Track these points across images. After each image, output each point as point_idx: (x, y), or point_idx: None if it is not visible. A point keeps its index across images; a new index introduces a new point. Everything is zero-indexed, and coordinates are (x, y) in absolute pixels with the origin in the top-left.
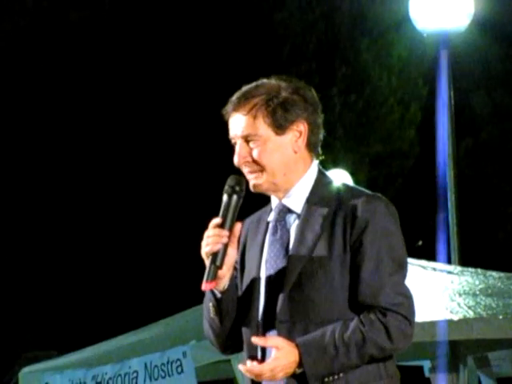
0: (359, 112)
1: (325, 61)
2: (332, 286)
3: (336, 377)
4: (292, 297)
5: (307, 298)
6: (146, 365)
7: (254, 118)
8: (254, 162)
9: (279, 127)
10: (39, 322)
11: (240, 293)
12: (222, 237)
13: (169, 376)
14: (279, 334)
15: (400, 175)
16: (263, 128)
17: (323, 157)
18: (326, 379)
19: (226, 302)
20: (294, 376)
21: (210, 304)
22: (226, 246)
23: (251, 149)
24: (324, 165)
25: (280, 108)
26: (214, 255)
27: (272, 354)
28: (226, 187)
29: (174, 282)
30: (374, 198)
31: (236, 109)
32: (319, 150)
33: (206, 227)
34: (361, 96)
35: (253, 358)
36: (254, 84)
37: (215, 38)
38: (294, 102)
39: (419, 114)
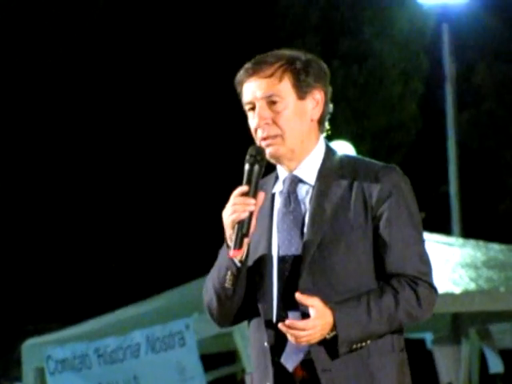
0: (361, 85)
1: (327, 34)
2: (354, 255)
3: (364, 344)
4: (313, 267)
5: (329, 268)
6: (148, 337)
7: (280, 79)
8: (275, 123)
9: (301, 91)
10: (41, 295)
11: (249, 265)
12: (249, 205)
13: (171, 348)
14: (300, 306)
15: (402, 147)
16: (287, 90)
17: (329, 131)
18: (355, 346)
19: (243, 271)
20: (319, 343)
21: (229, 273)
22: (251, 215)
23: (272, 111)
24: (326, 137)
25: (303, 71)
26: (241, 223)
27: (311, 313)
28: (248, 157)
29: (177, 254)
30: (391, 168)
31: (256, 73)
32: (326, 124)
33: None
34: (363, 69)
35: (269, 331)
36: (269, 53)
37: (216, 14)
38: (314, 68)
39: (421, 86)
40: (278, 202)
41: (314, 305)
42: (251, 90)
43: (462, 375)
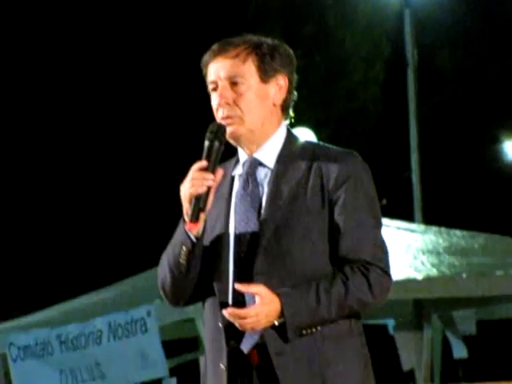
0: (323, 71)
1: (289, 20)
2: (310, 239)
3: (314, 330)
4: (268, 250)
5: (284, 251)
6: (110, 324)
7: (244, 61)
8: (236, 105)
9: (265, 74)
10: (1, 282)
11: (204, 245)
12: (208, 179)
13: (133, 335)
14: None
15: (364, 133)
16: (251, 72)
17: (293, 118)
18: (304, 331)
19: (199, 248)
20: (272, 327)
21: (183, 248)
22: (209, 190)
23: (235, 92)
24: (289, 123)
25: (268, 55)
26: (198, 197)
27: (256, 301)
28: (208, 133)
29: (138, 241)
30: (349, 154)
31: (221, 54)
32: (290, 111)
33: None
34: (325, 55)
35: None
36: (237, 37)
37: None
38: (279, 54)
39: (383, 72)
40: (237, 185)
41: (259, 292)
42: (215, 70)
43: (424, 361)
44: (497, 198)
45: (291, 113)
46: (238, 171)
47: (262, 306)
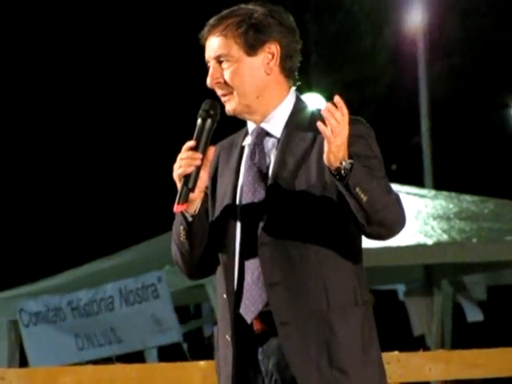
0: (332, 37)
1: None
2: (314, 208)
3: (362, 195)
4: (273, 220)
5: (289, 220)
6: (120, 290)
7: (226, 37)
8: (226, 83)
9: (250, 48)
10: (11, 249)
11: (212, 218)
12: (195, 159)
13: (145, 301)
14: (261, 257)
15: (373, 99)
16: (235, 48)
17: (300, 82)
18: (357, 189)
19: (197, 225)
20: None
21: (181, 227)
22: (198, 169)
23: (223, 70)
24: (298, 90)
25: (252, 28)
26: (187, 177)
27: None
28: (201, 111)
29: (148, 207)
30: (355, 121)
31: (211, 31)
32: (296, 75)
33: (179, 151)
34: (334, 21)
35: (229, 283)
36: (230, 9)
37: None
38: (268, 24)
39: (392, 37)
40: (245, 155)
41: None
42: (207, 49)
43: (434, 326)
44: (507, 163)
45: (297, 77)
46: (247, 141)
47: (346, 123)
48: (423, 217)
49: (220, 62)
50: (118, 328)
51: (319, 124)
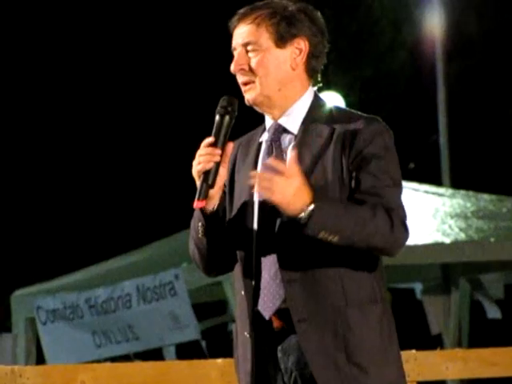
0: (352, 35)
1: None
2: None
3: (331, 237)
4: (288, 217)
5: None
6: (138, 287)
7: (257, 26)
8: (251, 70)
9: (280, 39)
10: (30, 246)
11: (230, 214)
12: (215, 155)
13: (162, 298)
14: (278, 253)
15: (392, 97)
16: (264, 37)
17: (321, 84)
18: (323, 233)
19: (216, 222)
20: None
21: (200, 224)
22: (217, 166)
23: (249, 58)
24: (317, 88)
25: (284, 21)
26: (206, 174)
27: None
28: (219, 108)
29: (166, 204)
30: (372, 120)
31: (241, 19)
32: (318, 77)
33: (197, 148)
34: (353, 18)
35: (246, 279)
36: (263, 1)
37: None
38: (300, 19)
39: (411, 35)
40: (263, 151)
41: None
42: (235, 36)
43: (451, 325)
44: None
45: (319, 78)
46: (265, 137)
47: (295, 175)
48: (441, 215)
49: (247, 50)
50: (136, 325)
51: (257, 188)
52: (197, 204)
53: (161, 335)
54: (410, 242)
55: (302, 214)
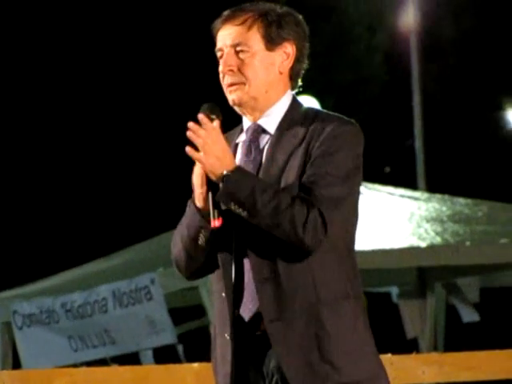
0: (327, 39)
1: None
2: None
3: (239, 210)
4: None
5: None
6: (114, 292)
7: (249, 27)
8: (240, 72)
9: (271, 42)
10: (5, 251)
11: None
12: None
13: (138, 303)
14: (251, 254)
15: (367, 101)
16: (255, 39)
17: (301, 88)
18: (232, 204)
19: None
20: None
21: (203, 231)
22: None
23: (239, 59)
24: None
25: (275, 23)
26: (212, 188)
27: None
28: (206, 114)
29: (141, 209)
30: (346, 121)
31: (229, 20)
32: (298, 81)
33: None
34: (329, 23)
35: (227, 281)
36: (248, 4)
37: None
38: (288, 21)
39: (386, 40)
40: (240, 152)
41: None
42: (222, 37)
43: (427, 329)
44: (500, 165)
45: (299, 82)
46: (242, 138)
47: (218, 136)
48: (416, 219)
49: (237, 51)
50: (112, 330)
51: (187, 149)
52: (214, 223)
53: (137, 339)
54: (386, 245)
55: (221, 181)
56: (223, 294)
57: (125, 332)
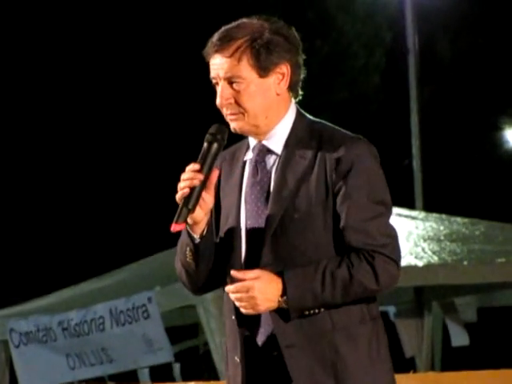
0: (324, 58)
1: (290, 6)
2: (314, 229)
3: (317, 311)
4: (274, 242)
5: (290, 241)
6: (111, 310)
7: (238, 60)
8: (237, 103)
9: (263, 70)
10: (3, 268)
11: (217, 236)
12: (195, 179)
13: (135, 321)
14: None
15: (364, 120)
16: (247, 70)
17: (301, 96)
18: (307, 312)
19: (204, 247)
20: (279, 317)
21: (188, 249)
22: (199, 190)
23: (234, 90)
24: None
25: (264, 50)
26: (187, 198)
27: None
28: (208, 135)
29: (138, 228)
30: (356, 140)
31: (218, 50)
32: (299, 89)
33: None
34: (326, 42)
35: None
36: (235, 24)
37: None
38: (278, 43)
39: (384, 59)
40: (247, 171)
41: (258, 274)
42: (214, 67)
43: (424, 348)
44: (498, 185)
45: (300, 91)
46: (249, 156)
47: (256, 282)
48: (414, 238)
49: (231, 82)
50: (110, 348)
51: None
52: (174, 227)
53: (134, 358)
54: None
55: (282, 306)
56: (233, 317)
57: (122, 350)
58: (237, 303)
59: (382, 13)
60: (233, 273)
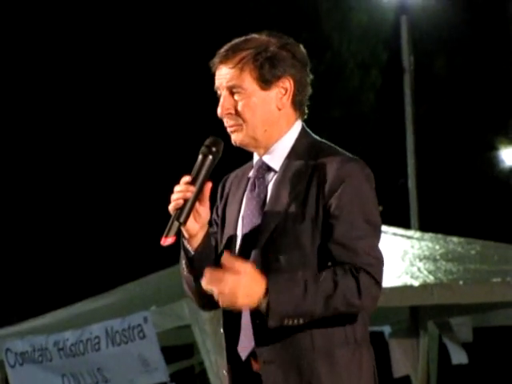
0: (320, 77)
1: (285, 26)
2: (301, 245)
3: (296, 321)
4: (265, 254)
5: (278, 255)
6: (106, 330)
7: (241, 70)
8: (237, 114)
9: (265, 82)
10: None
11: (220, 249)
12: (187, 192)
13: (131, 341)
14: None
15: (360, 140)
16: (249, 81)
17: (306, 116)
18: (286, 321)
19: (200, 260)
20: (261, 333)
21: (184, 262)
22: (192, 204)
23: (235, 101)
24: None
25: (267, 63)
26: (179, 211)
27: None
28: (203, 147)
29: (134, 249)
30: (350, 159)
31: (223, 61)
32: (305, 109)
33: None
34: (321, 61)
35: (226, 317)
36: (243, 38)
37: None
38: (282, 58)
39: (379, 78)
40: (248, 187)
41: (246, 267)
42: (218, 77)
43: (420, 368)
44: (493, 204)
45: (306, 110)
46: (251, 173)
47: (241, 275)
48: (409, 258)
49: (232, 93)
50: (105, 368)
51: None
52: (164, 240)
53: (130, 378)
54: None
55: (261, 307)
56: (221, 331)
57: (117, 370)
58: (215, 294)
59: (377, 32)
60: (223, 258)
